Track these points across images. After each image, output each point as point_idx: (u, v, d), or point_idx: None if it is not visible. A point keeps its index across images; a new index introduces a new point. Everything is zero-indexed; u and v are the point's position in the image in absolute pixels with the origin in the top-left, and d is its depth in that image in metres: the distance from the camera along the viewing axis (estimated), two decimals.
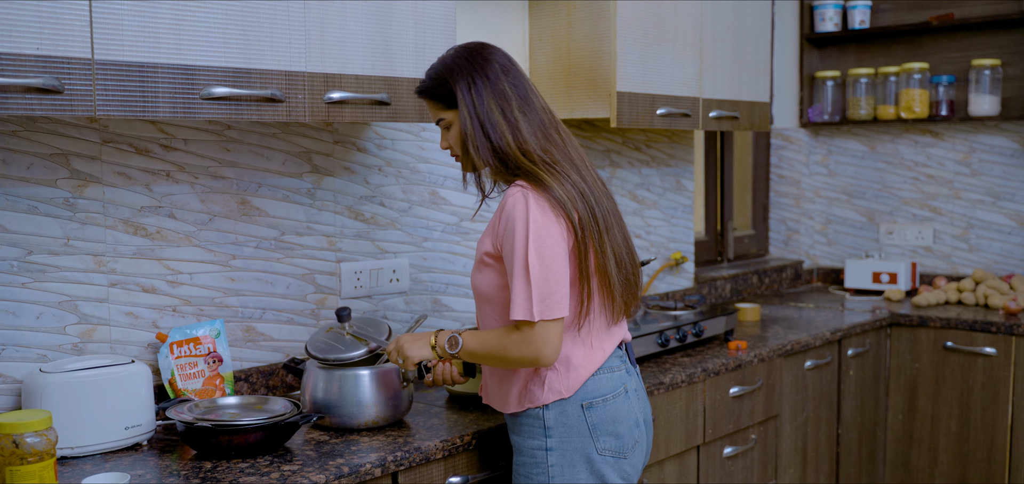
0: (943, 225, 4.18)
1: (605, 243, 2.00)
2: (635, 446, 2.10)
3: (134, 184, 2.23)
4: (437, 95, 2.05)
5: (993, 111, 3.90)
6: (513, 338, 1.97)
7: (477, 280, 2.09)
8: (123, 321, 2.24)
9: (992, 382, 3.51)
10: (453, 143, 2.07)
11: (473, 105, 2.00)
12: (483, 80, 2.01)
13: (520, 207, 1.94)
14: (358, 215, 2.67)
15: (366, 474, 1.95)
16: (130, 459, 2.00)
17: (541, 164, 1.98)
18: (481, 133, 2.00)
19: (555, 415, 2.04)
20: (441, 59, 2.07)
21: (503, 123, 2.00)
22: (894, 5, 4.20)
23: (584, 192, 1.99)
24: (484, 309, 2.10)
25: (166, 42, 1.87)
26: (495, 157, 2.00)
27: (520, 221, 1.93)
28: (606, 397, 2.06)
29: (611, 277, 2.01)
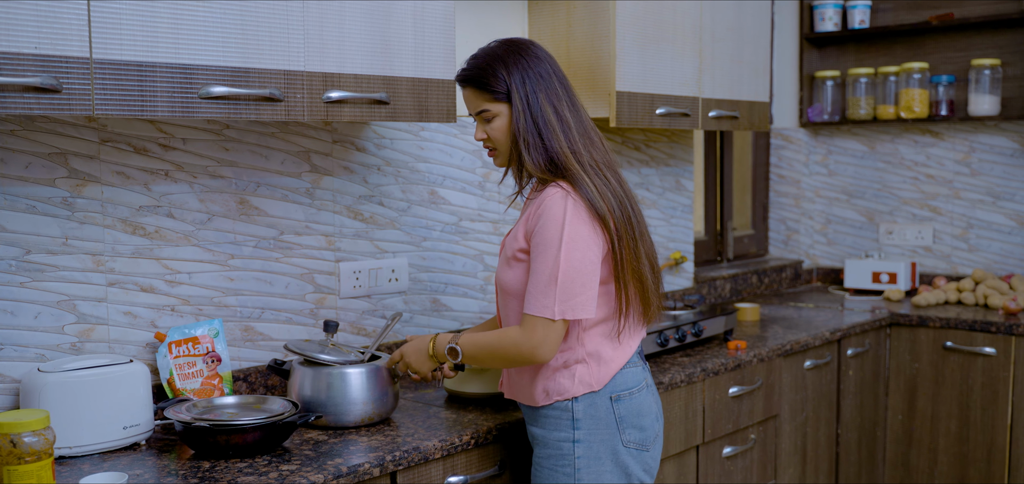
0: (943, 225, 4.18)
1: (639, 247, 2.04)
2: (655, 439, 2.14)
3: (133, 183, 2.23)
4: (486, 85, 2.04)
5: (993, 111, 3.89)
6: (513, 335, 1.99)
7: (506, 277, 2.08)
8: (121, 320, 2.24)
9: (992, 382, 3.50)
10: (496, 136, 2.06)
11: (527, 101, 2.01)
12: (536, 77, 2.02)
13: (558, 207, 1.95)
14: (357, 215, 2.67)
15: (364, 474, 1.95)
16: (128, 459, 2.00)
17: (587, 167, 2.00)
18: (534, 130, 2.01)
19: (584, 408, 2.05)
20: (488, 50, 2.06)
21: (556, 122, 2.01)
22: (894, 5, 4.20)
23: (621, 197, 2.02)
24: (510, 304, 2.10)
25: (165, 41, 1.87)
26: (545, 156, 2.01)
27: (556, 221, 1.94)
28: (632, 390, 2.09)
29: (646, 278, 2.05)
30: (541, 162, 2.02)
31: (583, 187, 1.97)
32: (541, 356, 1.97)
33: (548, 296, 1.94)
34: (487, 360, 2.07)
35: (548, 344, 1.96)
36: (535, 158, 2.02)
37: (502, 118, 2.04)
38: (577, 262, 1.94)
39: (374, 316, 2.72)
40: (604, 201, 1.98)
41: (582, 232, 1.95)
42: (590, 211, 1.97)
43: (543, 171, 2.02)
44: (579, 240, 1.95)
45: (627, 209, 2.02)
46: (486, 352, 2.06)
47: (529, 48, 2.06)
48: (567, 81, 2.08)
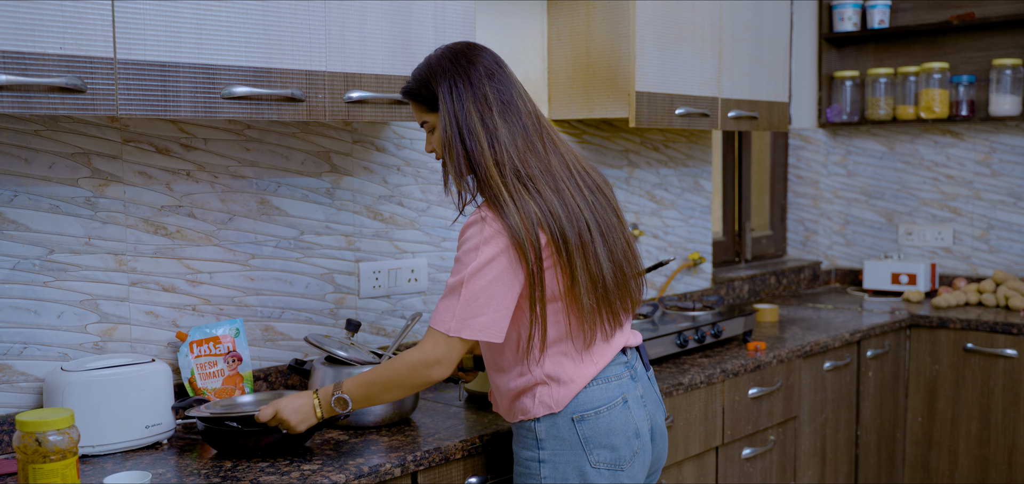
0: (963, 226, 4.15)
1: (575, 264, 1.91)
2: (634, 457, 2.02)
3: (155, 183, 2.24)
4: (420, 97, 1.98)
5: (1014, 111, 3.87)
6: (405, 356, 1.92)
7: None
8: (143, 320, 2.24)
9: (1013, 384, 3.48)
10: (437, 146, 2.00)
11: (453, 109, 1.93)
12: (465, 83, 1.93)
13: (473, 232, 1.88)
14: (377, 215, 2.67)
15: (386, 474, 1.95)
16: (150, 458, 2.01)
17: (510, 180, 1.89)
18: (458, 139, 1.92)
19: (546, 428, 1.98)
20: (426, 59, 2.00)
21: (481, 130, 1.91)
22: (914, 4, 4.17)
23: (555, 211, 1.90)
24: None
25: (188, 42, 1.88)
26: (468, 165, 1.92)
27: (470, 250, 1.87)
28: (599, 409, 1.98)
29: (580, 298, 1.92)
30: (462, 169, 1.92)
31: (504, 209, 1.87)
32: (434, 375, 1.89)
33: (449, 311, 1.87)
34: (380, 394, 1.96)
35: (445, 363, 1.89)
36: (458, 167, 1.92)
37: (438, 129, 1.98)
38: (485, 283, 1.86)
39: (393, 316, 2.72)
40: (524, 222, 1.86)
41: (492, 254, 1.86)
42: (509, 236, 1.86)
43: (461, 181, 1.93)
44: (491, 262, 1.86)
45: (562, 224, 1.89)
46: (377, 387, 1.95)
47: (466, 53, 1.96)
48: (510, 85, 1.96)
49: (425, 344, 1.90)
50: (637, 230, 3.43)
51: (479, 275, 1.86)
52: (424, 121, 2.00)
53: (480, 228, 1.87)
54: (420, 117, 2.01)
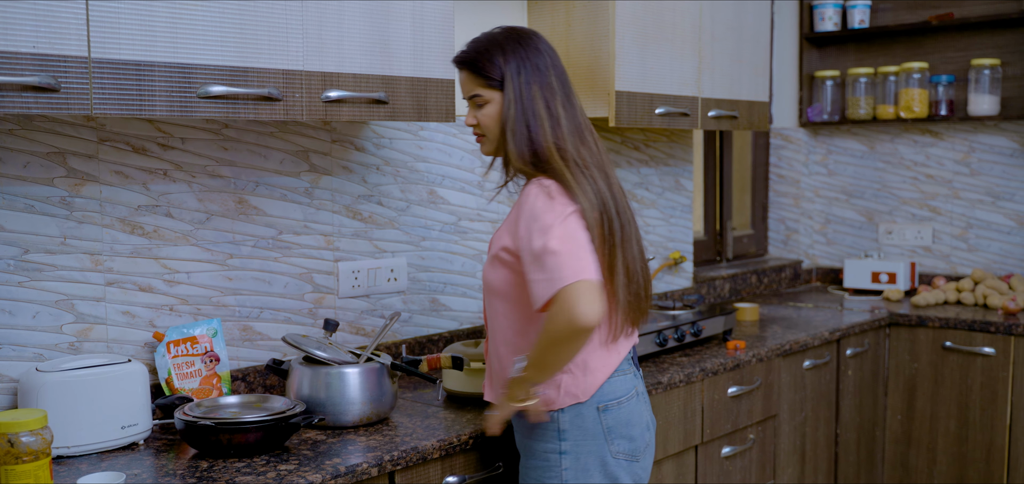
0: (942, 225, 4.18)
1: (616, 257, 1.97)
2: (646, 449, 2.09)
3: (131, 183, 2.23)
4: (481, 69, 2.01)
5: (992, 111, 3.89)
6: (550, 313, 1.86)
7: (490, 275, 2.07)
8: (120, 320, 2.23)
9: (991, 382, 3.50)
10: (486, 123, 2.03)
11: (520, 90, 1.98)
12: (533, 67, 1.99)
13: (543, 198, 1.90)
14: (356, 214, 2.66)
15: (363, 474, 1.95)
16: (126, 458, 2.00)
17: (571, 165, 1.95)
18: (522, 121, 1.98)
19: (570, 418, 2.01)
20: (489, 36, 2.04)
21: (545, 116, 1.98)
22: (894, 4, 4.19)
23: (606, 201, 1.96)
24: (495, 304, 2.08)
25: (163, 40, 1.87)
26: (530, 148, 1.97)
27: (545, 211, 1.89)
28: (620, 400, 2.05)
29: (618, 291, 1.98)
30: (525, 154, 1.98)
31: (570, 187, 1.93)
32: (588, 317, 1.81)
33: (562, 268, 1.84)
34: (550, 363, 1.92)
35: (583, 302, 1.82)
36: (520, 148, 1.98)
37: (494, 105, 2.02)
38: (572, 236, 1.87)
39: (373, 316, 2.72)
40: (587, 201, 1.93)
41: (567, 211, 1.90)
42: (577, 210, 1.91)
43: (526, 163, 1.99)
44: (570, 222, 1.89)
45: (610, 212, 1.96)
46: (541, 354, 1.91)
47: (531, 38, 2.03)
48: (566, 77, 2.05)
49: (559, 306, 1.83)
50: None
51: (564, 229, 1.87)
52: (477, 95, 2.03)
53: (548, 194, 1.91)
54: (473, 89, 2.04)
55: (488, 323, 2.14)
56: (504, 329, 2.07)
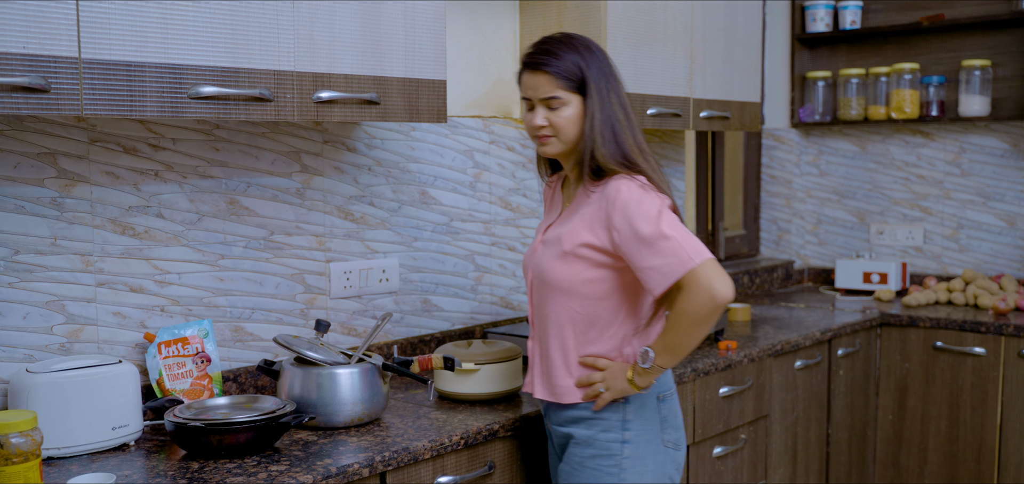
0: (933, 225, 4.19)
1: None
2: (683, 441, 2.20)
3: (122, 183, 2.23)
4: (566, 74, 2.05)
5: (983, 112, 3.90)
6: (682, 296, 1.96)
7: (561, 271, 2.08)
8: (111, 321, 2.23)
9: (981, 382, 3.52)
10: (560, 124, 2.07)
11: (606, 97, 2.05)
12: (609, 73, 2.08)
13: (637, 190, 1.99)
14: (348, 215, 2.66)
15: (354, 474, 1.95)
16: (117, 460, 1.99)
17: (651, 162, 2.07)
18: (608, 124, 2.05)
19: (635, 408, 2.10)
20: (562, 41, 2.08)
21: (624, 118, 2.07)
22: (885, 5, 4.21)
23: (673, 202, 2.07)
24: (558, 300, 2.10)
25: (154, 41, 1.87)
26: (620, 150, 2.04)
27: (645, 202, 1.98)
28: (671, 391, 2.18)
29: None
30: (617, 155, 2.05)
31: (649, 177, 2.04)
32: (726, 292, 1.93)
33: (681, 251, 1.94)
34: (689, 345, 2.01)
35: (718, 279, 1.93)
36: (610, 150, 2.04)
37: (571, 108, 2.06)
38: (675, 221, 1.99)
39: (364, 316, 2.72)
40: (669, 192, 2.06)
41: (664, 203, 2.01)
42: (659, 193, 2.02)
43: (618, 163, 2.05)
44: (665, 208, 2.00)
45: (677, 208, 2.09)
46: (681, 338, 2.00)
47: (598, 46, 2.12)
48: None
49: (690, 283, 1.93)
50: None
51: (670, 219, 1.98)
52: (554, 97, 2.06)
53: (641, 187, 2.00)
54: (553, 91, 2.07)
55: (540, 319, 2.16)
56: (565, 323, 2.10)
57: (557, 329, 2.12)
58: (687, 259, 1.93)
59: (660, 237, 1.95)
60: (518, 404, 2.39)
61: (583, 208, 2.08)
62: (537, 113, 2.09)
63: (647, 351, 2.04)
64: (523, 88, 2.11)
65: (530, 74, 2.09)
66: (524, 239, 3.15)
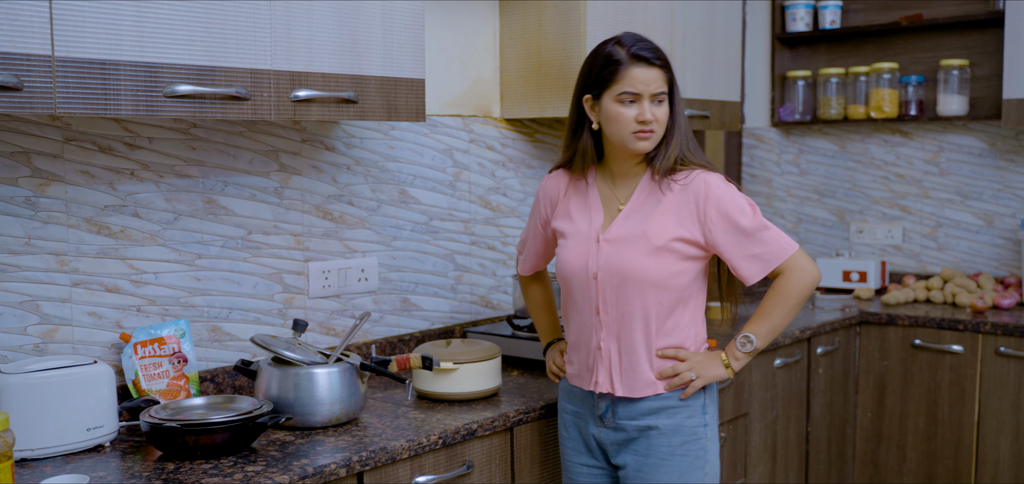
0: (912, 224, 4.21)
1: None
2: None
3: (97, 183, 2.21)
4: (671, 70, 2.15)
5: (961, 111, 3.93)
6: (785, 279, 2.16)
7: (652, 267, 2.12)
8: (86, 321, 2.21)
9: (959, 380, 3.54)
10: (662, 119, 2.13)
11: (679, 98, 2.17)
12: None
13: (725, 184, 2.13)
14: (326, 214, 2.65)
15: (331, 474, 1.94)
16: (91, 461, 1.98)
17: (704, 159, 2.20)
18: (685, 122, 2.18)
19: (710, 392, 2.23)
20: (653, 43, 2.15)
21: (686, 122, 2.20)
22: (864, 5, 4.23)
23: None
24: (646, 294, 2.13)
25: (128, 39, 1.85)
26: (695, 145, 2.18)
27: (737, 195, 2.13)
28: None
29: None
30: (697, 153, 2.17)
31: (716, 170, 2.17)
32: (818, 273, 2.18)
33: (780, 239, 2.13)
34: (787, 324, 2.22)
35: (812, 263, 2.17)
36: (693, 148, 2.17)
37: (666, 106, 2.13)
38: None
39: (343, 316, 2.71)
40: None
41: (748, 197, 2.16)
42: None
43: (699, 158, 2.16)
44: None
45: None
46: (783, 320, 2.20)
47: None
48: None
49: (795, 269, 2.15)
50: None
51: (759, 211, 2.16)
52: (662, 92, 2.13)
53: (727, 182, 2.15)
54: (663, 87, 2.13)
55: (619, 316, 2.15)
56: (651, 317, 2.14)
57: (642, 323, 2.14)
58: (788, 245, 2.13)
59: (761, 228, 2.11)
60: (497, 403, 2.39)
61: (664, 202, 2.13)
62: (645, 108, 2.10)
63: (749, 336, 2.20)
64: (629, 82, 2.10)
65: (644, 68, 2.10)
66: (504, 238, 3.15)
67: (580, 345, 2.23)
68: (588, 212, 2.22)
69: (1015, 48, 3.54)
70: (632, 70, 2.09)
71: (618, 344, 2.17)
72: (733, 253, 2.12)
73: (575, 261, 2.19)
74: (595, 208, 2.21)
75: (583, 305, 2.19)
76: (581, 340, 2.22)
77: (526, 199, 3.21)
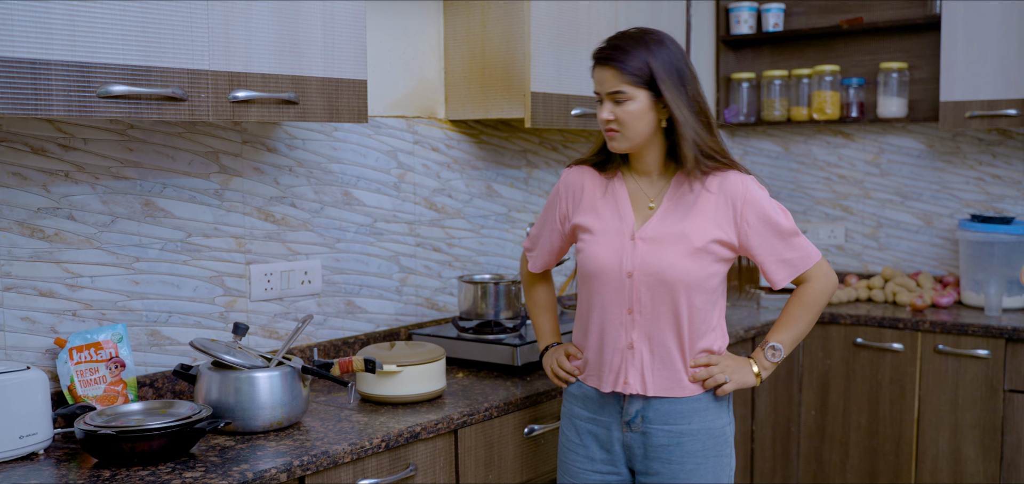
0: (854, 224, 4.28)
1: None
2: None
3: (30, 185, 2.16)
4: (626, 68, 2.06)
5: (900, 113, 4.00)
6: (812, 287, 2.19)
7: (690, 268, 2.09)
8: (19, 326, 2.16)
9: (899, 377, 3.60)
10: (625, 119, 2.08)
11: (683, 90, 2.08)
12: (689, 72, 2.10)
13: (760, 187, 2.14)
14: (268, 216, 2.62)
15: (272, 479, 1.92)
16: (24, 469, 1.94)
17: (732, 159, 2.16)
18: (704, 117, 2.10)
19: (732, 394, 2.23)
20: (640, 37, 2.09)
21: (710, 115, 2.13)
22: (806, 8, 4.28)
23: None
24: (683, 296, 2.10)
25: (59, 38, 1.82)
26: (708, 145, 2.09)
27: (771, 199, 2.15)
28: None
29: None
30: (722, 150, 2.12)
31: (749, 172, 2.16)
32: (837, 281, 2.24)
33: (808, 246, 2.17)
34: (808, 329, 2.25)
35: (832, 271, 2.22)
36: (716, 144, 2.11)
37: (636, 103, 2.07)
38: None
39: (286, 319, 2.68)
40: None
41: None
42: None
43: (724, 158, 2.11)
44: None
45: None
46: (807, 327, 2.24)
47: (673, 41, 2.13)
48: None
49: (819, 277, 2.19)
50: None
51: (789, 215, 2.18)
52: (620, 91, 2.07)
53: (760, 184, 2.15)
54: (618, 86, 2.07)
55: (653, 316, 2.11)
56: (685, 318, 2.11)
57: (673, 323, 2.11)
58: (814, 253, 2.18)
59: (794, 233, 2.15)
60: (441, 405, 2.38)
61: (700, 203, 2.11)
62: (604, 107, 2.11)
63: (776, 346, 2.21)
64: (595, 82, 2.13)
65: (598, 69, 2.11)
66: (449, 240, 3.14)
67: (604, 345, 2.16)
68: (617, 208, 2.17)
69: (951, 52, 3.61)
70: (594, 71, 2.13)
71: (650, 344, 2.12)
72: (766, 256, 2.14)
73: (607, 258, 2.13)
74: (624, 205, 2.17)
75: (612, 303, 2.14)
76: (606, 340, 2.16)
77: (471, 200, 3.20)
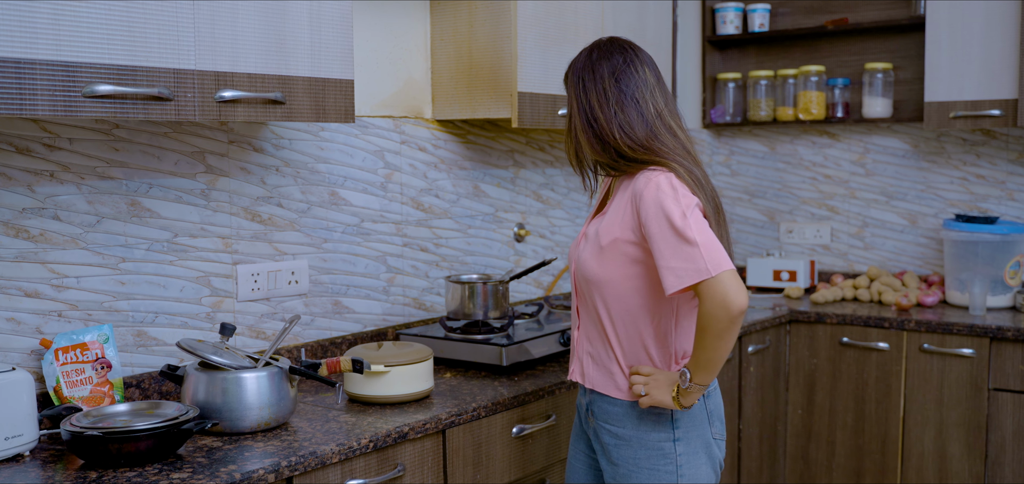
0: (840, 224, 4.30)
1: (722, 233, 2.07)
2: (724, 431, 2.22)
3: (15, 185, 2.15)
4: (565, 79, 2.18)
5: (885, 113, 4.02)
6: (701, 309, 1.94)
7: (595, 267, 2.09)
8: (4, 327, 2.15)
9: (885, 376, 3.61)
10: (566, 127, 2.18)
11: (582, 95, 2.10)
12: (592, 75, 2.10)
13: (665, 185, 1.97)
14: (255, 216, 2.62)
15: (259, 480, 1.91)
16: (10, 471, 1.93)
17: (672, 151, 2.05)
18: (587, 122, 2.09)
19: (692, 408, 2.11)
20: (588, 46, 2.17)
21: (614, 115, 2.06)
22: (792, 9, 4.30)
23: (701, 181, 2.04)
24: (599, 294, 2.10)
25: (44, 38, 1.81)
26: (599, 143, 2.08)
27: (671, 199, 1.95)
28: (714, 385, 2.17)
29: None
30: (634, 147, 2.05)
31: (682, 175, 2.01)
32: (739, 304, 1.92)
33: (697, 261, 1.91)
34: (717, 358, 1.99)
35: (733, 291, 1.91)
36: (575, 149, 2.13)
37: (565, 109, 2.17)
38: (702, 224, 1.95)
39: (273, 319, 2.67)
40: (693, 181, 2.02)
41: (692, 203, 1.97)
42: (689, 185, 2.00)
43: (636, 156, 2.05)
44: (693, 209, 1.96)
45: (710, 193, 2.06)
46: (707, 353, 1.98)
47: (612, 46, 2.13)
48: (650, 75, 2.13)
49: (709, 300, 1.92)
50: (523, 230, 3.45)
51: (695, 215, 1.95)
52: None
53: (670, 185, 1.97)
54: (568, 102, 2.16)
55: (584, 310, 2.18)
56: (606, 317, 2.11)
57: (599, 323, 2.13)
58: (704, 268, 1.91)
59: (684, 241, 1.93)
60: (429, 405, 2.38)
61: (616, 202, 2.11)
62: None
63: (684, 372, 2.03)
64: None
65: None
66: (436, 240, 3.14)
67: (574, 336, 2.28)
68: (591, 208, 2.27)
69: (935, 52, 3.63)
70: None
71: (589, 339, 2.19)
72: (656, 259, 1.97)
73: (569, 252, 2.25)
74: (595, 205, 2.26)
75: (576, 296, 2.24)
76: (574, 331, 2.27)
77: (458, 200, 3.20)
